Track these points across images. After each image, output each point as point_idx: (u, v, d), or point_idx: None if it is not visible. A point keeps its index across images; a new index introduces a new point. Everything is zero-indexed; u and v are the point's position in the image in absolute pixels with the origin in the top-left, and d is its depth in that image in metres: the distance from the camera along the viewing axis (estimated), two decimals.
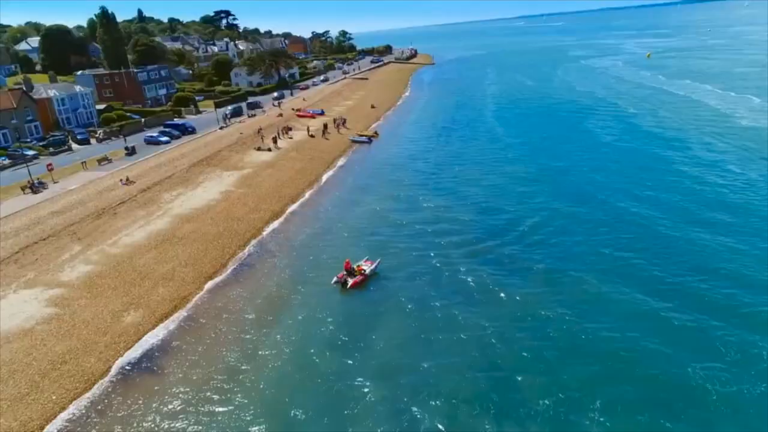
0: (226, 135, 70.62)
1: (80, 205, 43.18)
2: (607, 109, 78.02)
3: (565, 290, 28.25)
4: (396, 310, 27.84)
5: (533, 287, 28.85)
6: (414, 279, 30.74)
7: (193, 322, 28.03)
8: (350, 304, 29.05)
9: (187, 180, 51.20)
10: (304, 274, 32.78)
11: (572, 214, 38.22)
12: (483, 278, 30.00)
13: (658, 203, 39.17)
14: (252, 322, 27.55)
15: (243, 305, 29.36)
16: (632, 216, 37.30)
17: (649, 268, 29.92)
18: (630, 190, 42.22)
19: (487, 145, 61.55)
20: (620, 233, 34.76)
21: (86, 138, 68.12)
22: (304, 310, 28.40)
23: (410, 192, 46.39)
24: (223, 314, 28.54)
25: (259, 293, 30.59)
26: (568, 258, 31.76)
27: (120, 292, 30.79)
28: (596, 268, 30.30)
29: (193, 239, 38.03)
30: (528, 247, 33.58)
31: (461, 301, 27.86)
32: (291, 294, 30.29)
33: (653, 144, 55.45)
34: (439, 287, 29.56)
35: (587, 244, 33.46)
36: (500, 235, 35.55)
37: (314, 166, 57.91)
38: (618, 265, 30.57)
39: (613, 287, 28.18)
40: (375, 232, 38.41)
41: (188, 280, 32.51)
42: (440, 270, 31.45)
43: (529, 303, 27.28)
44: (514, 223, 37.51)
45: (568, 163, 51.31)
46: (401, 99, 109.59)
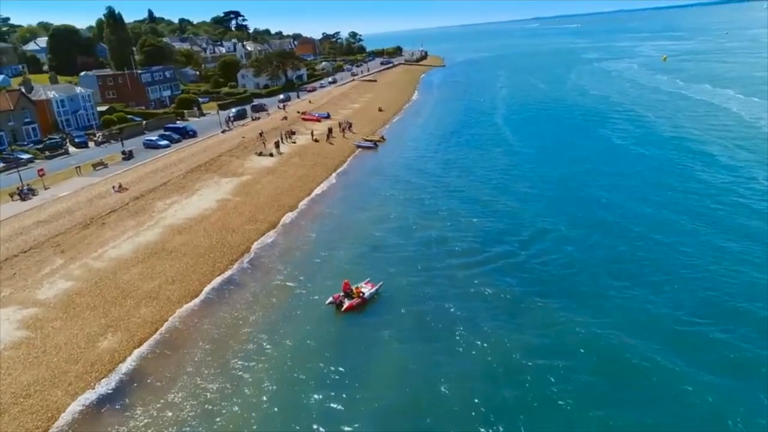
0: (227, 139, 68.60)
1: (68, 214, 41.19)
2: (623, 114, 74.95)
3: (581, 330, 25.56)
4: (394, 340, 25.34)
5: (545, 320, 26.19)
6: (416, 304, 28.22)
7: (172, 350, 25.72)
8: (345, 331, 26.65)
9: (183, 187, 49.12)
10: (297, 293, 30.41)
11: (589, 237, 35.10)
12: (492, 306, 27.43)
13: (680, 223, 36.21)
14: (236, 351, 25.18)
15: (228, 330, 27.01)
16: (653, 238, 34.41)
17: (666, 302, 27.21)
18: (650, 206, 39.31)
19: (497, 153, 58.81)
20: (640, 254, 32.01)
21: (84, 141, 66.42)
22: (294, 336, 26.00)
23: (416, 204, 43.82)
24: (206, 340, 26.22)
25: (247, 316, 28.23)
26: (584, 291, 28.86)
27: (99, 313, 28.62)
28: (616, 307, 27.38)
29: (183, 253, 35.84)
30: (539, 273, 30.73)
31: (467, 333, 25.27)
32: (280, 318, 27.89)
33: (674, 154, 52.36)
34: (444, 315, 26.98)
35: (604, 276, 30.51)
36: (511, 257, 32.80)
37: (316, 173, 55.61)
38: (642, 298, 27.86)
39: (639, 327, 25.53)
40: (376, 247, 35.95)
41: (173, 299, 30.28)
42: (445, 294, 28.86)
43: (541, 339, 24.65)
44: (525, 243, 34.53)
45: (584, 175, 48.48)
46: (410, 102, 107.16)
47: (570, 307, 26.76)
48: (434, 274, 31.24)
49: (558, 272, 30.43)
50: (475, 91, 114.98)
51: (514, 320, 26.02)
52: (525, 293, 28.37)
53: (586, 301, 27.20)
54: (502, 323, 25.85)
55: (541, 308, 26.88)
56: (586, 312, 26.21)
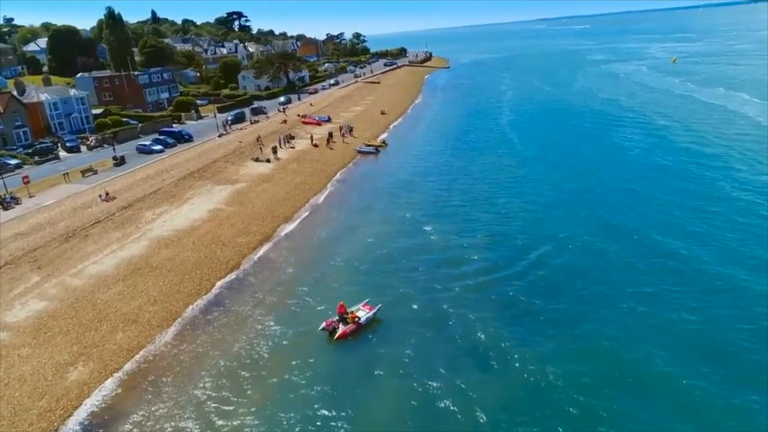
0: (224, 143, 66.41)
1: (50, 226, 38.99)
2: (633, 119, 72.26)
3: (595, 355, 23.11)
4: (392, 375, 22.91)
5: (556, 348, 23.73)
6: (416, 332, 25.74)
7: (147, 382, 23.37)
8: (337, 364, 24.25)
9: (174, 196, 46.87)
10: (288, 317, 27.99)
11: (603, 251, 32.68)
12: (499, 334, 24.98)
13: (701, 239, 33.61)
14: (216, 387, 22.78)
15: (209, 361, 24.65)
16: (671, 256, 31.78)
17: (689, 316, 24.72)
18: (667, 221, 36.71)
19: (503, 161, 56.20)
20: (657, 276, 29.46)
21: (76, 145, 64.24)
22: (282, 370, 23.57)
23: (418, 215, 41.29)
24: (184, 373, 23.85)
25: (231, 343, 25.85)
26: (598, 311, 26.45)
27: (71, 338, 26.35)
28: (631, 325, 25.09)
29: (168, 269, 33.54)
30: (551, 298, 28.21)
31: (472, 367, 22.86)
32: (268, 346, 25.48)
33: (691, 163, 49.57)
34: (447, 345, 24.54)
35: (620, 292, 28.15)
36: (519, 278, 30.22)
37: (314, 180, 53.25)
38: (659, 323, 25.35)
39: (657, 354, 23.02)
40: (375, 264, 33.53)
41: (153, 322, 27.96)
42: (449, 320, 26.44)
43: (550, 371, 22.18)
44: (534, 262, 31.85)
45: (594, 185, 45.91)
46: (413, 104, 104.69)
47: (585, 338, 24.28)
48: (437, 296, 28.78)
49: (572, 297, 27.88)
50: (480, 94, 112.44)
51: (523, 352, 23.52)
52: (535, 320, 25.93)
53: (601, 333, 24.69)
54: (511, 355, 23.39)
55: (554, 338, 24.39)
56: (603, 344, 23.75)
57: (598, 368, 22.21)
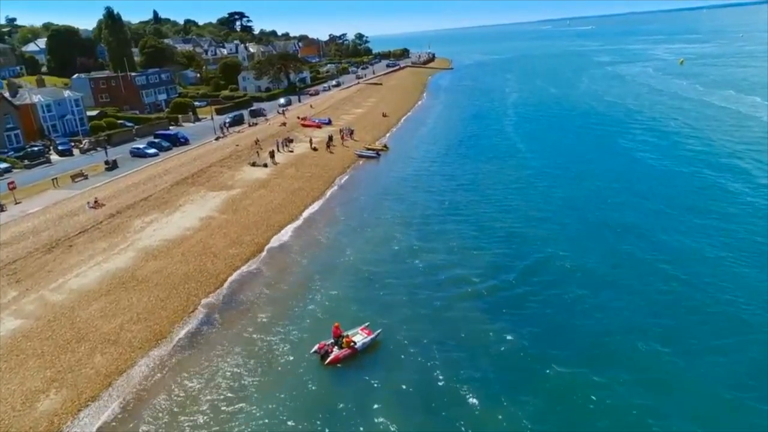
0: (220, 147, 64.64)
1: (33, 235, 37.21)
2: (642, 123, 70.18)
3: (611, 393, 21.15)
4: (390, 406, 20.96)
5: (570, 382, 21.78)
6: (418, 360, 23.72)
7: (123, 413, 21.50)
8: (329, 393, 22.26)
9: (166, 203, 45.03)
10: (279, 339, 26.06)
11: (618, 274, 30.56)
12: (508, 365, 23.07)
13: (724, 257, 31.59)
14: (194, 424, 20.90)
15: (192, 387, 22.74)
16: (683, 268, 29.98)
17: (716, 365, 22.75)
18: (684, 234, 34.75)
19: (508, 169, 54.07)
20: (675, 296, 27.53)
21: (69, 149, 62.49)
22: (269, 400, 21.64)
23: (421, 227, 39.21)
24: (163, 404, 21.95)
25: (217, 369, 23.94)
26: (616, 348, 24.46)
27: (45, 362, 24.48)
28: (645, 349, 23.21)
29: (155, 283, 31.68)
30: (565, 323, 26.27)
31: (478, 403, 20.89)
32: (255, 372, 23.55)
33: (704, 171, 47.36)
34: (452, 376, 22.52)
35: (634, 312, 26.30)
36: (529, 301, 28.18)
37: (312, 186, 51.36)
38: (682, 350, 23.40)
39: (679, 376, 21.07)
40: (374, 280, 31.47)
41: (135, 343, 26.08)
42: (454, 346, 24.43)
43: (565, 412, 20.24)
44: (546, 283, 29.53)
45: (604, 192, 43.94)
46: (416, 107, 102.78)
47: (599, 369, 22.30)
48: (441, 319, 26.76)
49: (587, 325, 25.84)
50: (483, 96, 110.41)
51: (534, 386, 21.59)
52: (547, 349, 23.90)
53: (617, 363, 22.73)
54: (520, 388, 21.45)
55: (566, 369, 22.42)
56: (619, 376, 21.79)
57: (614, 406, 20.26)
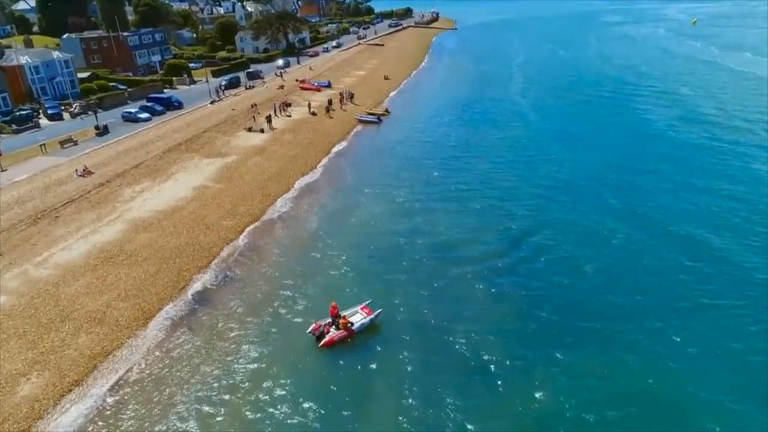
0: (216, 111, 62.28)
1: (18, 206, 35.60)
2: (655, 88, 67.51)
3: (622, 375, 19.87)
4: (391, 393, 19.76)
5: (577, 368, 20.49)
6: (417, 340, 22.48)
7: (109, 396, 20.32)
8: (323, 377, 20.99)
9: (158, 170, 43.24)
10: (274, 318, 24.75)
11: (627, 244, 29.31)
12: (512, 349, 21.74)
13: (734, 230, 30.08)
14: (184, 413, 19.70)
15: (180, 372, 21.51)
16: (696, 246, 28.48)
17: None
18: (694, 207, 33.13)
19: (514, 133, 52.01)
20: (691, 276, 26.05)
21: (58, 113, 60.17)
22: (262, 382, 20.44)
23: (424, 199, 37.53)
24: (151, 388, 20.75)
25: (207, 351, 22.66)
26: (627, 322, 23.14)
27: (27, 342, 23.23)
28: (661, 338, 21.85)
29: (144, 257, 30.22)
30: (571, 302, 24.97)
31: (480, 388, 19.67)
32: (249, 353, 22.31)
33: (718, 139, 45.43)
34: (452, 358, 21.33)
35: (650, 295, 24.87)
36: (537, 278, 26.90)
37: (310, 153, 49.35)
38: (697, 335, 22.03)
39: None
40: (375, 255, 29.95)
41: (122, 322, 24.77)
42: (456, 328, 23.09)
43: (570, 397, 18.98)
44: (558, 257, 28.41)
45: (615, 160, 42.06)
46: (419, 69, 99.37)
47: (606, 353, 20.99)
48: (443, 297, 25.45)
49: (597, 305, 24.49)
50: (488, 58, 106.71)
51: (539, 373, 20.31)
52: (553, 332, 22.59)
53: (627, 346, 21.41)
54: (524, 375, 20.20)
55: (572, 353, 21.12)
56: (627, 360, 20.52)
57: (624, 390, 19.00)
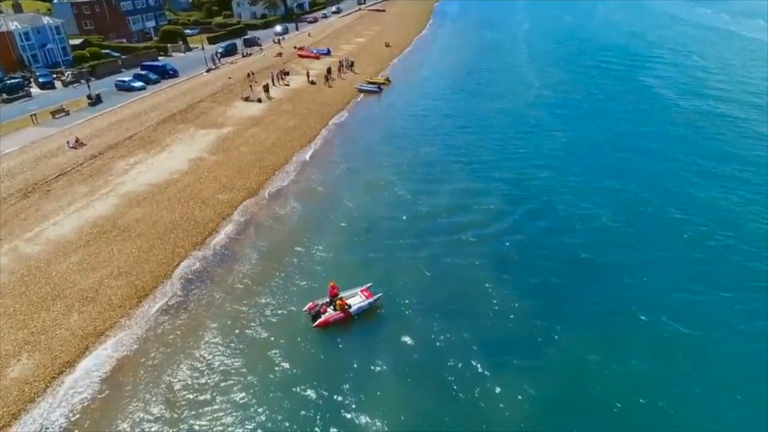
0: (212, 80, 60.57)
1: (8, 179, 34.64)
2: (664, 57, 65.56)
3: (628, 359, 19.27)
4: (389, 379, 19.19)
5: (588, 347, 19.87)
6: (416, 325, 21.78)
7: (102, 380, 19.77)
8: (318, 359, 20.42)
9: (152, 142, 42.07)
10: (270, 296, 24.07)
11: (634, 219, 28.56)
12: (519, 330, 21.14)
13: (750, 206, 29.17)
14: (178, 394, 19.17)
15: (173, 353, 20.92)
16: (714, 230, 27.59)
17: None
18: (710, 182, 32.12)
19: (519, 102, 50.60)
20: (698, 256, 25.26)
21: (50, 81, 58.53)
22: (257, 362, 19.89)
23: (427, 172, 36.48)
24: (143, 370, 20.18)
25: (201, 331, 22.04)
26: (626, 295, 22.53)
27: (17, 322, 22.61)
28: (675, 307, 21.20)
29: (138, 232, 29.40)
30: (580, 277, 24.32)
31: (481, 368, 19.08)
32: (240, 339, 21.69)
33: (729, 107, 44.13)
34: (451, 336, 20.70)
35: (660, 270, 24.15)
36: (546, 253, 26.15)
37: (309, 124, 48.03)
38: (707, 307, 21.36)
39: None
40: (375, 232, 29.11)
41: (115, 301, 24.12)
42: (459, 309, 22.46)
43: (571, 369, 18.41)
44: (559, 238, 27.61)
45: (623, 134, 40.81)
46: (421, 36, 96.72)
47: (609, 335, 20.36)
48: (444, 277, 24.70)
49: (596, 281, 23.88)
50: (492, 25, 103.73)
51: (548, 354, 19.70)
52: (555, 314, 21.91)
53: (630, 328, 20.78)
54: (533, 356, 19.59)
55: (574, 334, 20.48)
56: (631, 342, 19.91)
57: (631, 376, 18.43)
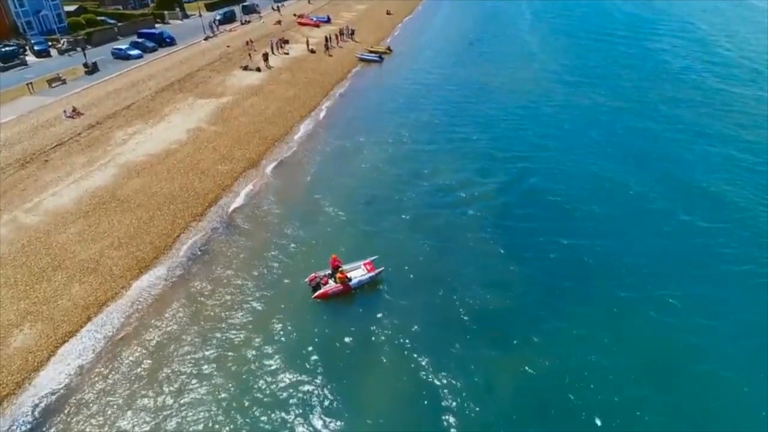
0: (210, 48, 59.55)
1: (5, 149, 34.31)
2: (669, 26, 63.96)
3: (635, 335, 19.37)
4: (389, 349, 19.33)
5: (590, 322, 19.96)
6: (417, 300, 21.81)
7: (103, 350, 19.93)
8: (317, 330, 20.52)
9: (150, 111, 41.56)
10: (267, 271, 24.07)
11: (641, 196, 28.50)
12: (521, 301, 21.20)
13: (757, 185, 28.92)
14: (179, 365, 19.32)
15: (175, 323, 21.04)
16: (719, 201, 27.39)
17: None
18: (715, 153, 31.79)
19: (522, 72, 49.84)
20: (701, 237, 25.16)
21: (46, 49, 57.46)
22: (257, 334, 20.04)
23: (426, 141, 36.30)
24: (146, 340, 20.33)
25: (201, 302, 22.12)
26: (635, 270, 22.52)
27: (19, 292, 22.67)
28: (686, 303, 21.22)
29: (137, 203, 29.25)
30: (578, 250, 24.28)
31: (488, 341, 19.22)
32: (240, 310, 21.76)
33: (739, 80, 43.35)
34: (454, 313, 20.78)
35: (663, 247, 24.09)
36: (550, 227, 26.19)
37: (309, 94, 47.34)
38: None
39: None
40: (377, 204, 29.09)
41: (116, 271, 24.13)
42: (459, 282, 22.52)
43: (580, 357, 18.53)
44: (564, 211, 27.71)
45: (629, 104, 40.22)
46: (423, 3, 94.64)
47: (614, 312, 20.42)
48: (445, 252, 24.65)
49: (602, 256, 23.86)
50: None
51: (551, 331, 19.79)
52: (564, 281, 21.97)
53: (634, 305, 20.87)
54: (535, 332, 19.69)
55: (581, 311, 20.56)
56: (651, 317, 19.97)
57: (635, 351, 18.54)
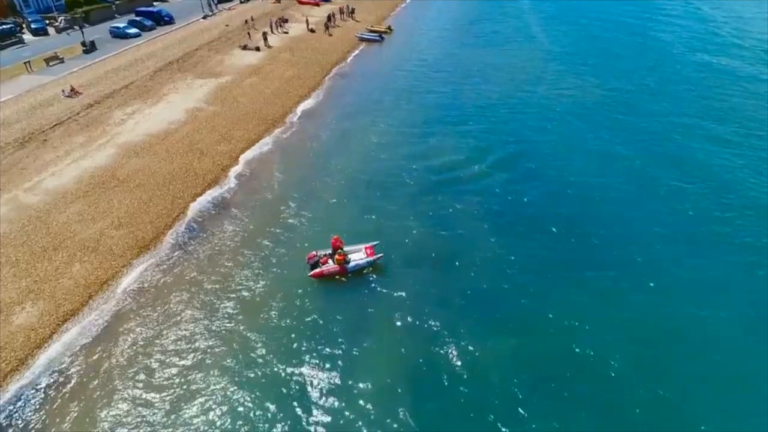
0: (209, 27, 58.95)
1: (4, 128, 34.27)
2: (674, 6, 63.17)
3: (639, 317, 19.55)
4: (382, 337, 19.55)
5: (591, 304, 20.13)
6: (414, 285, 21.90)
7: (104, 328, 20.16)
8: (315, 310, 20.70)
9: (149, 91, 41.32)
10: (266, 252, 24.18)
11: (643, 180, 28.36)
12: (517, 286, 21.37)
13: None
14: (175, 344, 19.55)
15: (175, 303, 21.23)
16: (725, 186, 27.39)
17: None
18: (719, 135, 31.67)
19: (524, 53, 49.42)
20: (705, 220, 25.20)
21: (43, 27, 56.91)
22: (251, 323, 20.24)
23: (427, 122, 36.13)
24: (147, 319, 20.55)
25: (200, 282, 22.28)
26: (634, 248, 22.65)
27: (21, 270, 22.86)
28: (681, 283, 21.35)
29: (136, 183, 29.28)
30: (579, 236, 24.39)
31: (486, 329, 19.41)
32: (240, 289, 21.94)
33: (743, 64, 42.96)
34: (454, 292, 20.95)
35: (663, 226, 24.18)
36: (555, 211, 26.26)
37: (309, 74, 46.96)
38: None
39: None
40: (375, 179, 29.30)
41: (116, 251, 24.27)
42: (459, 263, 22.66)
43: (584, 339, 18.74)
44: (566, 196, 27.57)
45: (631, 86, 39.92)
46: None
47: (615, 302, 20.61)
48: (445, 236, 24.64)
49: (604, 246, 23.93)
50: None
51: (553, 312, 19.98)
52: (564, 261, 22.14)
53: (643, 283, 20.97)
54: (536, 314, 19.89)
55: (584, 286, 20.72)
56: (647, 299, 20.13)
57: (638, 332, 18.74)
